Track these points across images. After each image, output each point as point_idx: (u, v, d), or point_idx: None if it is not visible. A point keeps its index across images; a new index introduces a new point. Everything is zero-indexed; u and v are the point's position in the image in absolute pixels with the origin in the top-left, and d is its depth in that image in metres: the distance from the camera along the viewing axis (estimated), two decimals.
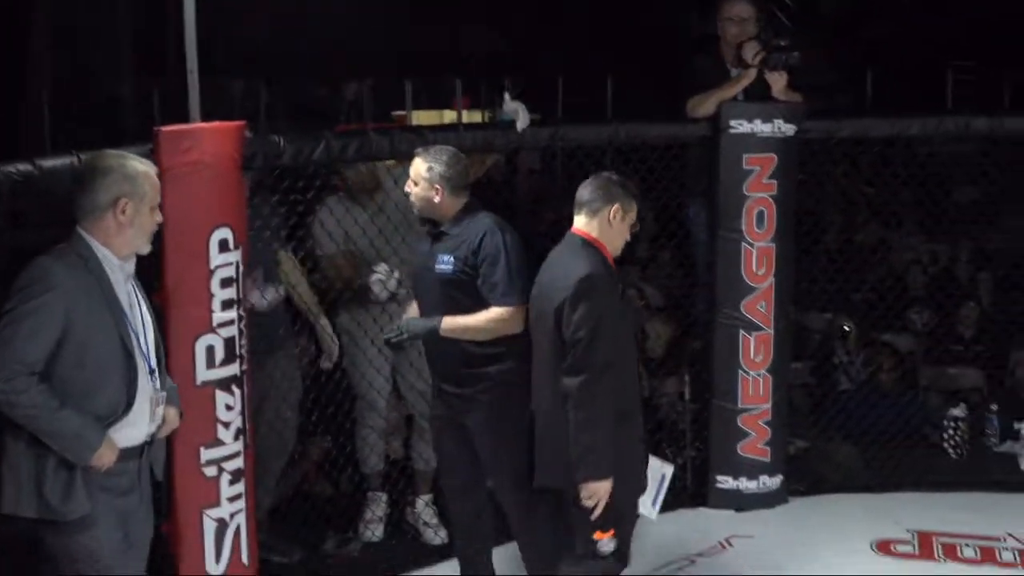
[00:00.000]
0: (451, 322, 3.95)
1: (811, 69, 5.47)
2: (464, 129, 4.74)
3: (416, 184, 4.04)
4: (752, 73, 5.25)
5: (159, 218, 3.28)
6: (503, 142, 4.90)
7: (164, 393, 3.33)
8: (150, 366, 3.27)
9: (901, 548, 5.05)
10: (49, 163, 3.48)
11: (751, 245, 5.19)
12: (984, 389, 6.40)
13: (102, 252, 3.16)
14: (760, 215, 5.19)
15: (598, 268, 3.75)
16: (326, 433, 5.07)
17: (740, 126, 5.18)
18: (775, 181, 5.19)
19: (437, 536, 4.95)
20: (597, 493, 3.64)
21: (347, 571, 4.75)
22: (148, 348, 3.28)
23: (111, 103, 9.76)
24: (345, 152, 4.39)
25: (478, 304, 3.95)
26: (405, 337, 4.04)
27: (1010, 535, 5.13)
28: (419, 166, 4.04)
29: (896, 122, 5.61)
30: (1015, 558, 4.94)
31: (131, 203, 3.15)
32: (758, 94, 5.27)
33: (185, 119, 3.89)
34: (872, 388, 6.35)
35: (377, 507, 4.99)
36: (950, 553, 5.00)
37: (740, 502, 5.34)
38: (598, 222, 3.82)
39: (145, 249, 3.30)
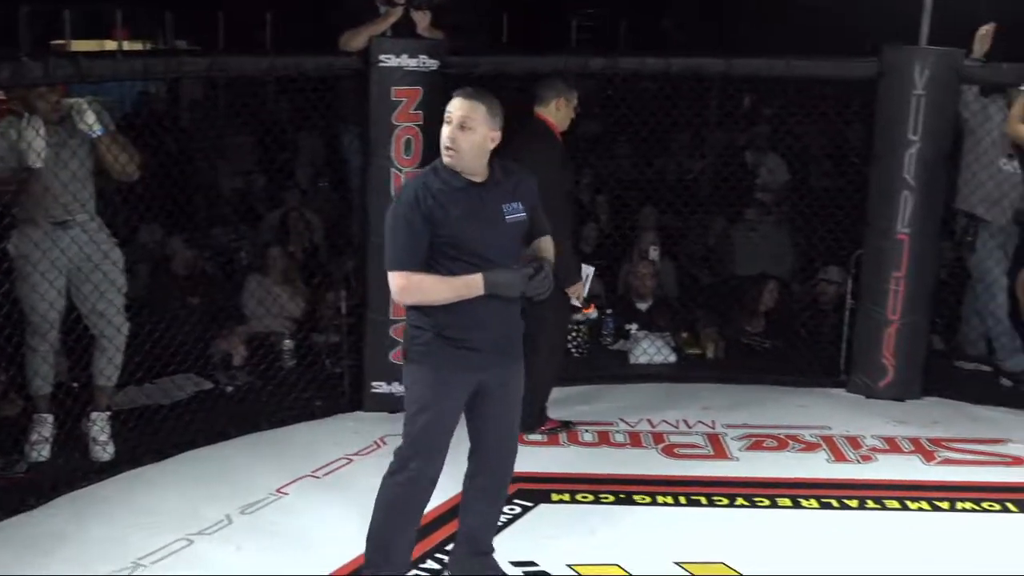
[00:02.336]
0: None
1: (453, 9, 5.69)
2: (122, 56, 4.63)
3: (471, 129, 3.55)
4: (399, 11, 5.42)
5: None
6: (162, 69, 4.81)
7: None
8: None
9: (531, 437, 5.36)
10: None
11: (400, 170, 5.38)
12: (602, 296, 6.90)
13: None
14: (408, 143, 5.38)
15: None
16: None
17: (389, 60, 5.34)
18: (421, 112, 5.37)
19: (105, 452, 4.88)
20: (578, 287, 5.16)
21: (12, 490, 4.58)
22: None
23: None
24: None
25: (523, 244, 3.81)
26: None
27: (622, 419, 5.66)
28: (478, 109, 3.57)
29: (528, 60, 5.98)
30: (625, 439, 5.45)
31: None
32: (405, 31, 5.46)
33: None
34: None
35: (43, 428, 4.85)
36: (573, 438, 5.43)
37: (393, 404, 5.53)
38: (550, 108, 5.17)
39: None
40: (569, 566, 4.16)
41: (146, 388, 5.46)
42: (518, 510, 4.62)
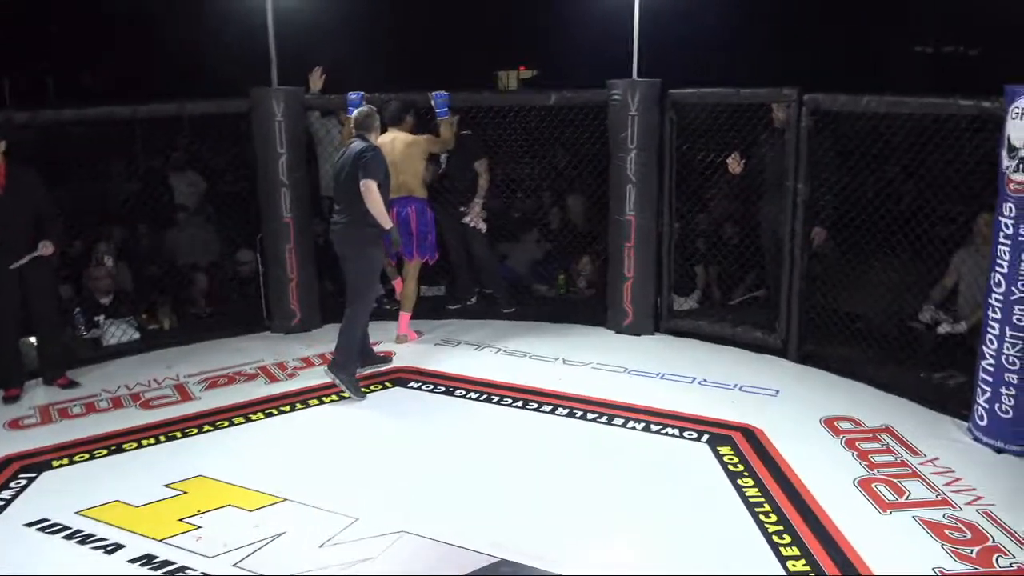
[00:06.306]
0: None
1: None
2: None
3: None
4: None
5: None
6: None
7: None
8: None
9: (27, 422, 4.85)
10: None
11: None
12: (74, 298, 6.12)
13: None
14: None
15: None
16: None
17: None
18: None
19: None
20: None
21: None
22: None
23: None
24: None
25: None
26: None
27: (103, 390, 5.24)
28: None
29: None
30: (109, 404, 5.03)
31: None
32: None
33: None
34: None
35: None
36: (63, 414, 4.93)
37: None
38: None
39: None
40: (77, 513, 3.84)
41: None
42: (24, 483, 4.13)
